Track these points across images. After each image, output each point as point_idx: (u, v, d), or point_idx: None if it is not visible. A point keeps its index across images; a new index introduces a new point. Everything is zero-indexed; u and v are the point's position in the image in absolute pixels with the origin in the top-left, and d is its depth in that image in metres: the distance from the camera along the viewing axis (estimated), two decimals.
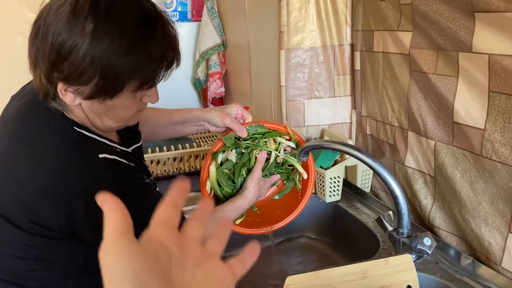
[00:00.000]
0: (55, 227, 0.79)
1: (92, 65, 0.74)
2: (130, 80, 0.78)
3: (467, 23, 0.92)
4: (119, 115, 0.85)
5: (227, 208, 1.04)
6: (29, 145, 0.82)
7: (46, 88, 0.79)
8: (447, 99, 1.02)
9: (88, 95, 0.78)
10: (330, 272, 0.86)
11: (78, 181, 0.76)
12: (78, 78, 0.75)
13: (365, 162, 1.02)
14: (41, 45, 0.75)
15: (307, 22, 1.38)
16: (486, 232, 0.97)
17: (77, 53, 0.73)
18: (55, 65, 0.75)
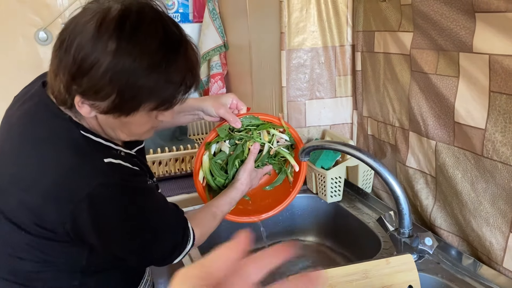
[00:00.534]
0: (60, 230, 0.79)
1: (110, 83, 0.74)
2: (147, 101, 0.78)
3: (468, 24, 0.92)
4: (132, 130, 0.86)
5: (222, 203, 1.06)
6: (35, 149, 0.82)
7: (64, 98, 0.80)
8: (448, 99, 1.02)
9: (104, 110, 0.78)
10: (331, 272, 0.86)
11: (83, 186, 0.77)
12: (96, 94, 0.76)
13: (366, 162, 1.02)
14: (64, 56, 0.76)
15: (308, 23, 1.38)
16: (487, 232, 0.97)
17: (97, 70, 0.73)
18: (75, 78, 0.75)
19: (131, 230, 0.84)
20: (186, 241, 0.93)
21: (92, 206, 0.77)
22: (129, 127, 0.84)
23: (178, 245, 0.92)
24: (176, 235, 0.91)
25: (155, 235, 0.87)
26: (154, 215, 0.88)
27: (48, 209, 0.78)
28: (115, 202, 0.80)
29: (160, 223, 0.89)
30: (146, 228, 0.86)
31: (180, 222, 0.93)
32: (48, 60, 0.86)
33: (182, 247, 0.92)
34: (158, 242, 0.88)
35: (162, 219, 0.90)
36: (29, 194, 0.79)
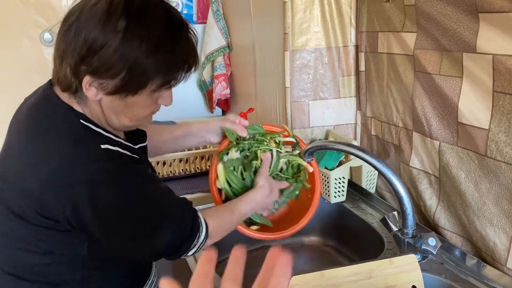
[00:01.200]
0: (61, 218, 0.81)
1: (121, 60, 0.78)
2: (154, 78, 0.83)
3: (471, 24, 0.92)
4: (135, 113, 0.88)
5: (240, 201, 1.05)
6: (37, 140, 0.85)
7: (69, 82, 0.82)
8: (451, 100, 1.02)
9: (112, 90, 0.81)
10: (335, 272, 0.86)
11: (81, 171, 0.79)
12: (106, 72, 0.79)
13: (370, 162, 1.02)
14: (73, 40, 0.79)
15: (311, 24, 1.38)
16: (491, 233, 0.97)
17: (108, 49, 0.78)
18: (84, 58, 0.79)
19: (130, 216, 0.83)
20: (197, 233, 0.90)
21: (90, 190, 0.78)
22: (133, 109, 0.87)
23: (187, 237, 0.89)
24: (183, 225, 0.89)
25: (157, 224, 0.85)
26: (155, 202, 0.87)
27: (49, 196, 0.80)
28: (113, 186, 0.81)
29: (163, 211, 0.87)
30: (147, 215, 0.85)
31: (188, 213, 0.91)
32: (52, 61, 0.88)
33: (191, 239, 0.89)
34: (161, 232, 0.86)
35: (166, 207, 0.88)
36: (30, 181, 0.81)
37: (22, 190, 0.83)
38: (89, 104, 0.86)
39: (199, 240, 0.91)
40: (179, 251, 0.90)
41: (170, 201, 0.90)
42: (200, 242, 0.91)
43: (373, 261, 0.89)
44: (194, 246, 0.91)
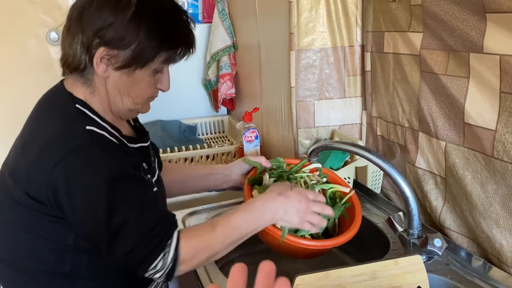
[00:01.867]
0: (43, 199, 0.83)
1: (134, 31, 0.85)
2: (162, 51, 0.89)
3: (478, 24, 0.92)
4: (139, 93, 0.93)
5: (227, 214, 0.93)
6: (32, 123, 0.92)
7: (79, 60, 0.88)
8: (458, 100, 1.01)
9: (122, 63, 0.87)
10: (340, 272, 0.86)
11: (60, 149, 0.82)
12: (120, 42, 0.85)
13: (376, 163, 1.02)
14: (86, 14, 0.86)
15: (317, 23, 1.38)
16: (498, 234, 0.96)
17: (122, 20, 0.85)
18: (99, 31, 0.85)
19: (98, 201, 0.81)
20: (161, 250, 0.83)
21: (66, 168, 0.81)
22: (137, 88, 0.91)
23: (154, 249, 0.82)
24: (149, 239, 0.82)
25: (123, 222, 0.81)
26: (130, 198, 0.84)
27: (34, 175, 0.83)
28: (88, 166, 0.82)
29: (134, 211, 0.82)
30: (115, 207, 0.81)
31: (161, 227, 0.84)
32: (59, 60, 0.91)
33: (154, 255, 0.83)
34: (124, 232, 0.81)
35: (138, 208, 0.83)
36: (21, 160, 0.87)
37: (15, 171, 0.88)
38: (94, 85, 0.90)
39: (165, 262, 0.83)
40: (140, 266, 0.84)
41: (145, 207, 0.85)
42: (167, 266, 0.84)
43: (378, 261, 0.89)
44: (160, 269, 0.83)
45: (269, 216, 0.92)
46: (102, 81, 0.90)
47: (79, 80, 0.91)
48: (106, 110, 0.93)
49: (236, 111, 2.23)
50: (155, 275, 0.85)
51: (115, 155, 0.86)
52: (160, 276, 0.85)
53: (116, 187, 0.82)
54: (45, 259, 0.89)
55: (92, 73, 0.90)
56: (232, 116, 2.26)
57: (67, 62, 0.90)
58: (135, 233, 0.82)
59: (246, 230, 0.91)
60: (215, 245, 0.88)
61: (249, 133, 1.65)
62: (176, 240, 0.85)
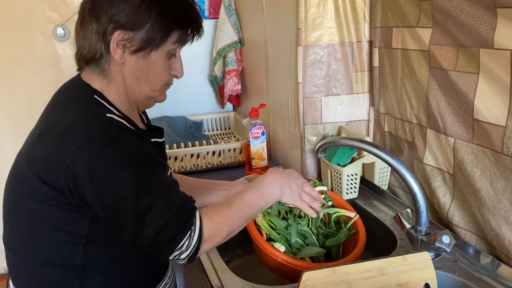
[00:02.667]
0: (62, 185, 0.83)
1: (146, 11, 0.88)
2: (173, 30, 0.92)
3: (489, 19, 0.91)
4: (155, 78, 0.95)
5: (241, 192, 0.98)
6: (51, 111, 0.93)
7: (94, 49, 0.90)
8: (467, 96, 1.00)
9: (137, 46, 0.90)
10: (347, 268, 0.86)
11: (82, 134, 0.82)
12: (134, 23, 0.88)
13: (384, 159, 1.02)
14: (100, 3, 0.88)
15: (325, 19, 1.37)
16: (507, 231, 0.95)
17: (134, 2, 0.88)
18: (113, 16, 0.88)
19: (123, 185, 0.81)
20: (189, 228, 0.85)
21: (89, 152, 0.81)
22: (153, 73, 0.94)
23: (183, 226, 0.84)
24: (178, 216, 0.84)
25: (149, 205, 0.82)
26: (153, 182, 0.84)
27: (52, 160, 0.83)
28: (111, 150, 0.82)
29: (158, 194, 0.83)
30: (140, 191, 0.82)
31: (187, 206, 0.86)
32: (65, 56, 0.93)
33: (183, 232, 0.84)
34: (151, 215, 0.81)
35: (162, 191, 0.84)
36: (39, 147, 0.87)
37: (31, 158, 0.88)
38: (110, 74, 0.92)
39: (191, 241, 0.85)
40: (170, 244, 0.84)
41: (170, 187, 0.87)
42: (193, 245, 0.85)
43: (386, 258, 0.89)
44: (186, 248, 0.85)
45: (277, 190, 1.00)
46: (118, 69, 0.92)
47: (95, 71, 0.93)
48: (123, 100, 0.95)
49: (242, 107, 2.23)
50: (181, 256, 0.86)
51: (136, 139, 0.87)
52: (186, 256, 0.86)
53: (141, 169, 0.84)
54: (56, 251, 0.89)
55: (108, 62, 0.91)
56: (238, 113, 2.26)
57: (82, 55, 0.92)
58: (164, 212, 0.83)
59: (258, 205, 0.97)
60: (234, 222, 0.92)
61: (256, 130, 1.65)
62: (199, 219, 0.87)
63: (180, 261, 0.88)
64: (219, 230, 0.89)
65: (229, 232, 0.91)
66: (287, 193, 1.01)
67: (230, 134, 2.21)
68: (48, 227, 0.88)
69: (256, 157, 1.67)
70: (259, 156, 1.67)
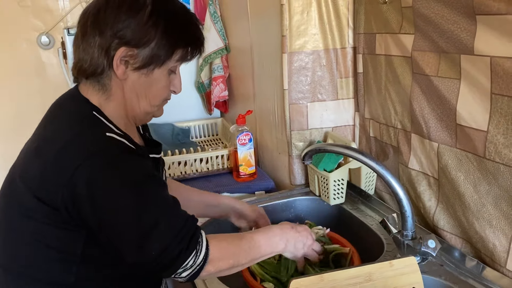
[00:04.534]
0: (58, 202, 0.81)
1: (153, 29, 0.87)
2: (178, 48, 0.92)
3: (469, 26, 0.92)
4: (156, 94, 0.94)
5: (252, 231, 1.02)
6: (48, 126, 0.91)
7: (96, 63, 0.88)
8: (449, 102, 1.02)
9: (141, 63, 0.89)
10: (335, 275, 0.86)
11: (81, 152, 0.81)
12: (139, 40, 0.87)
13: (369, 165, 1.02)
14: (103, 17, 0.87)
15: (309, 26, 1.38)
16: (491, 234, 0.97)
17: (141, 19, 0.87)
18: (118, 31, 0.86)
19: (125, 205, 0.80)
20: (193, 249, 0.83)
21: (89, 171, 0.79)
22: (154, 89, 0.93)
23: (183, 250, 0.82)
24: (181, 236, 0.82)
25: (153, 224, 0.80)
26: (155, 200, 0.83)
27: (50, 177, 0.82)
28: (112, 170, 0.81)
29: (162, 212, 0.83)
30: (143, 209, 0.81)
31: (189, 225, 0.85)
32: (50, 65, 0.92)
33: (188, 253, 0.83)
34: (155, 234, 0.80)
35: (165, 210, 0.84)
36: (36, 163, 0.85)
37: (27, 175, 0.86)
38: (110, 89, 0.91)
39: (196, 260, 0.84)
40: (172, 265, 0.83)
41: (171, 207, 0.86)
42: (198, 264, 0.84)
43: (372, 263, 0.89)
44: (190, 266, 0.84)
45: (282, 244, 1.00)
46: (119, 85, 0.91)
47: (95, 86, 0.91)
48: (121, 116, 0.93)
49: (230, 113, 2.23)
50: (182, 274, 0.84)
51: (137, 158, 0.87)
52: (187, 275, 0.85)
53: (142, 188, 0.82)
54: (48, 269, 0.87)
55: (109, 77, 0.90)
56: (225, 119, 2.26)
57: (82, 68, 0.90)
58: (168, 231, 0.82)
59: (264, 251, 0.96)
60: (240, 254, 0.92)
61: (243, 136, 1.65)
62: (206, 239, 0.87)
63: (180, 279, 0.86)
64: (225, 255, 0.89)
65: (234, 263, 0.90)
66: (290, 249, 1.01)
67: (218, 140, 2.21)
68: (42, 244, 0.86)
69: (244, 163, 1.67)
70: (247, 162, 1.68)
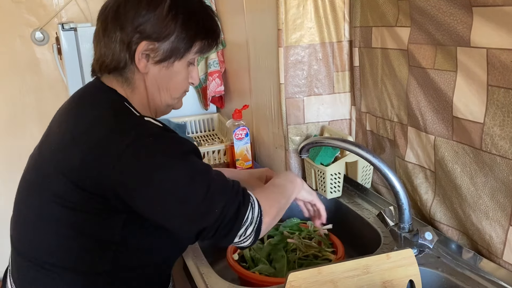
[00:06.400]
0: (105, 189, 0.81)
1: (172, 22, 0.89)
2: (197, 40, 0.93)
3: (465, 18, 0.92)
4: (176, 86, 0.96)
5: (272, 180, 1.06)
6: (80, 114, 0.91)
7: (118, 58, 0.90)
8: (446, 94, 1.02)
9: (162, 56, 0.91)
10: (332, 268, 0.86)
11: (125, 136, 0.82)
12: (160, 34, 0.89)
13: (365, 158, 1.02)
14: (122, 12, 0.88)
15: (305, 20, 1.38)
16: (487, 226, 0.97)
17: (161, 13, 0.88)
18: (139, 26, 0.88)
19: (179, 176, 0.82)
20: (248, 203, 0.88)
21: (136, 153, 0.80)
22: (174, 81, 0.95)
23: (240, 203, 0.86)
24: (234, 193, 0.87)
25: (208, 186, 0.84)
26: (203, 168, 0.86)
27: (93, 163, 0.82)
28: (158, 150, 0.82)
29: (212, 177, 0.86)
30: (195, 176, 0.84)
31: (237, 185, 0.89)
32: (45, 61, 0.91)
33: (245, 207, 0.87)
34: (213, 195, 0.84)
35: (214, 175, 0.87)
36: (73, 153, 0.84)
37: (64, 165, 0.85)
38: (133, 83, 0.92)
39: (254, 213, 0.88)
40: (235, 223, 0.85)
41: (217, 173, 0.89)
42: (256, 217, 0.88)
43: (370, 256, 0.89)
44: (250, 222, 0.87)
45: (298, 179, 1.07)
46: (141, 78, 0.93)
47: (119, 79, 0.93)
48: (145, 108, 0.96)
49: (226, 108, 2.22)
50: (246, 232, 0.87)
51: (176, 136, 0.89)
52: (251, 231, 0.88)
53: (189, 161, 0.85)
54: (83, 258, 0.87)
55: (132, 71, 0.92)
56: (221, 114, 2.26)
57: (105, 63, 0.92)
58: (222, 193, 0.86)
59: (289, 188, 1.03)
60: (278, 198, 0.98)
61: (239, 131, 1.65)
62: (252, 193, 0.91)
63: (245, 239, 0.88)
64: (270, 202, 0.94)
65: (278, 207, 0.96)
66: (305, 187, 1.09)
67: (214, 136, 2.20)
68: (78, 233, 0.86)
69: (241, 158, 1.67)
70: (244, 157, 1.67)
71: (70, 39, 1.93)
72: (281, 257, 1.14)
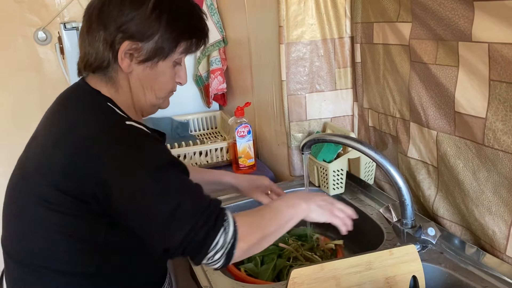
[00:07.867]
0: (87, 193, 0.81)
1: (156, 22, 0.88)
2: (182, 40, 0.92)
3: (466, 12, 0.92)
4: (161, 86, 0.95)
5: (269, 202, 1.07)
6: (64, 116, 0.91)
7: (101, 57, 0.89)
8: (448, 89, 1.02)
9: (145, 56, 0.89)
10: (335, 264, 0.87)
11: (104, 140, 0.82)
12: (143, 34, 0.88)
13: (368, 154, 1.02)
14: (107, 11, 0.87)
15: (306, 16, 1.38)
16: (490, 221, 0.97)
17: (144, 12, 0.87)
18: (122, 25, 0.87)
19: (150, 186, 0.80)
20: (221, 227, 0.82)
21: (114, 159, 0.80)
22: (159, 81, 0.94)
23: (210, 228, 0.81)
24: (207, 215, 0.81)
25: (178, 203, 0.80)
26: (180, 182, 0.84)
27: (74, 167, 0.82)
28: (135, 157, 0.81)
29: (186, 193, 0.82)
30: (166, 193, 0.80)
31: (214, 205, 0.84)
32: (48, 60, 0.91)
33: (215, 232, 0.81)
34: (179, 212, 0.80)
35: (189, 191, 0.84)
36: (56, 155, 0.85)
37: (44, 167, 0.85)
38: (117, 82, 0.91)
39: (226, 238, 0.82)
40: (202, 247, 0.81)
41: (193, 190, 0.85)
42: (228, 242, 0.82)
43: (372, 252, 0.90)
44: (221, 246, 0.81)
45: (304, 203, 0.96)
46: (125, 77, 0.92)
47: (102, 79, 0.92)
48: (129, 108, 0.95)
49: (228, 106, 2.23)
50: (215, 256, 0.82)
51: (158, 144, 0.88)
52: (221, 255, 0.82)
53: (166, 172, 0.82)
54: (69, 260, 0.87)
55: (116, 70, 0.91)
56: (224, 112, 2.26)
57: (88, 62, 0.91)
58: (191, 213, 0.80)
59: (287, 214, 0.94)
60: (266, 224, 0.90)
61: (242, 128, 1.65)
62: (232, 217, 0.85)
63: (215, 263, 0.83)
64: (253, 227, 0.87)
65: (263, 234, 0.88)
66: (314, 209, 0.97)
67: (217, 133, 2.20)
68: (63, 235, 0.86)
69: (243, 155, 1.67)
70: (246, 154, 1.68)
71: (72, 39, 1.93)
72: (271, 260, 1.16)
